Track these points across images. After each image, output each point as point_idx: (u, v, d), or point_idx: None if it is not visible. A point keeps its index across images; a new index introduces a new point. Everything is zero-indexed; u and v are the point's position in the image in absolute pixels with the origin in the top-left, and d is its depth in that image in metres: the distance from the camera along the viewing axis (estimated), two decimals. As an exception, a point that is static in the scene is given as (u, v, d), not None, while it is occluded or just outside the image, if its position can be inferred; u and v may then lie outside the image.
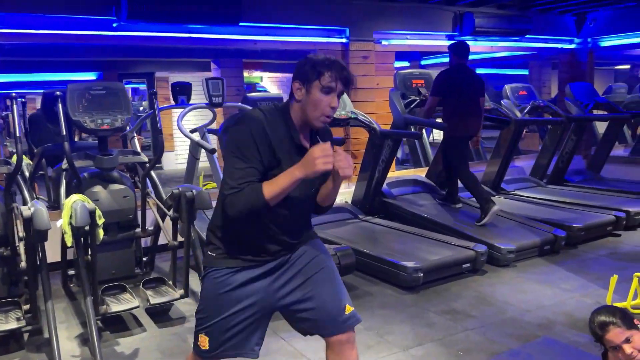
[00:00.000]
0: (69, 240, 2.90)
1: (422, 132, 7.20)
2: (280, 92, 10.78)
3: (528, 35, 6.90)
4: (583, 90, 6.74)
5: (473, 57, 5.32)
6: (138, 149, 4.40)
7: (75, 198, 2.89)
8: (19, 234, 3.15)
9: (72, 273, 3.88)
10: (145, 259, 3.93)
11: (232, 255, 1.91)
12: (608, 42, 7.41)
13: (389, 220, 5.16)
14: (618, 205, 5.38)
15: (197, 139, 4.31)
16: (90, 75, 8.91)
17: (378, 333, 3.22)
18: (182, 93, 4.73)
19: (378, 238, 4.67)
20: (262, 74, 11.39)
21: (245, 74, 9.52)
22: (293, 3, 5.46)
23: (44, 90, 5.48)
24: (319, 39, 5.75)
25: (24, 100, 4.58)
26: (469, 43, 5.20)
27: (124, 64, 8.72)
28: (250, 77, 11.06)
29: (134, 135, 4.64)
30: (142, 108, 10.92)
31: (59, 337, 2.95)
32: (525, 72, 11.92)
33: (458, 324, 3.32)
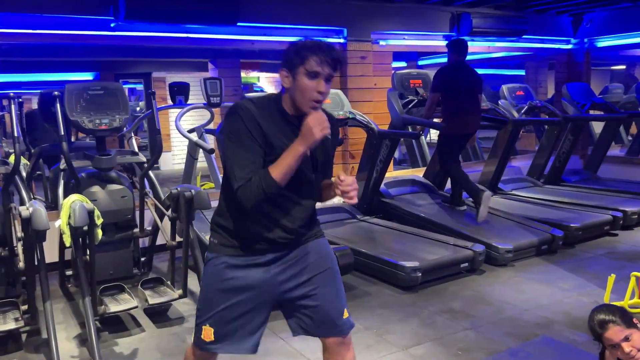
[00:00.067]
0: (68, 241, 2.90)
1: (421, 132, 7.19)
2: (278, 92, 10.73)
3: (525, 36, 6.91)
4: (580, 91, 6.76)
5: (470, 57, 5.34)
6: (136, 149, 4.40)
7: (74, 198, 2.88)
8: (17, 235, 3.14)
9: (69, 273, 3.88)
10: (143, 259, 3.93)
11: (233, 243, 1.90)
12: (604, 42, 7.43)
13: (387, 220, 5.16)
14: (615, 205, 5.39)
15: (195, 139, 4.31)
16: (87, 76, 8.87)
17: (377, 332, 3.22)
18: (180, 93, 4.73)
19: (376, 238, 4.67)
20: (259, 74, 11.38)
21: (243, 74, 9.50)
22: (291, 3, 5.46)
23: (41, 91, 5.46)
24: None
25: (21, 101, 4.56)
26: (468, 48, 5.21)
27: (121, 64, 8.69)
28: (248, 77, 11.05)
29: (132, 136, 4.64)
30: (139, 108, 10.90)
31: (58, 337, 2.94)
32: (522, 72, 11.95)
33: (457, 324, 3.33)
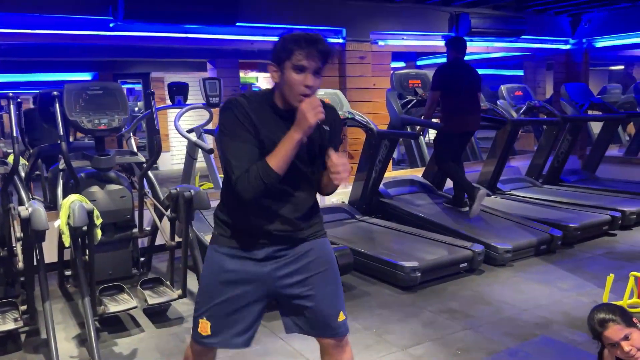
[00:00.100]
0: (67, 241, 2.89)
1: (420, 133, 7.20)
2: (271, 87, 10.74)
3: (523, 36, 6.92)
4: (578, 91, 6.77)
5: (469, 57, 5.35)
6: (135, 149, 4.40)
7: (73, 198, 2.88)
8: (16, 235, 3.14)
9: (68, 274, 3.87)
10: (142, 260, 3.92)
11: (232, 236, 1.90)
12: (603, 42, 7.44)
13: (386, 220, 5.17)
14: (613, 205, 5.40)
15: (194, 139, 4.31)
16: (86, 76, 8.87)
17: (376, 332, 3.23)
18: (179, 93, 4.73)
19: (375, 238, 4.67)
20: (257, 75, 11.37)
21: (241, 74, 9.50)
22: (290, 3, 5.46)
23: (40, 91, 5.44)
24: (316, 40, 5.75)
25: (20, 101, 4.55)
26: (466, 46, 5.21)
27: (120, 64, 8.68)
28: (246, 77, 11.04)
29: (131, 136, 4.64)
30: (137, 108, 10.88)
31: (57, 337, 2.94)
32: (520, 72, 11.96)
33: (456, 323, 3.33)
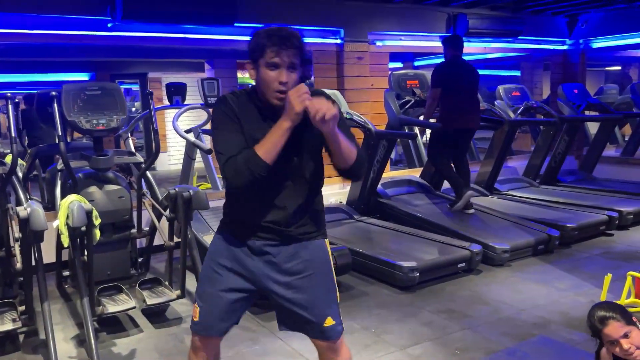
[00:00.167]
0: (66, 241, 2.89)
1: (416, 134, 7.20)
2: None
3: (521, 37, 6.94)
4: (575, 91, 6.80)
5: (466, 57, 5.36)
6: (133, 150, 4.39)
7: (72, 198, 2.88)
8: (15, 235, 3.13)
9: (67, 274, 3.87)
10: (141, 260, 3.92)
11: (229, 225, 1.95)
12: (600, 43, 7.47)
13: (384, 221, 5.17)
14: (610, 205, 5.42)
15: (193, 139, 4.31)
16: (83, 76, 8.86)
17: (375, 332, 3.23)
18: (177, 93, 4.73)
19: (374, 238, 4.68)
20: (255, 75, 11.35)
21: (239, 75, 9.50)
22: (288, 4, 5.46)
23: (30, 92, 5.44)
24: (314, 40, 5.76)
25: (18, 101, 4.55)
26: (463, 44, 5.23)
27: (117, 65, 8.68)
28: (244, 77, 11.03)
29: (129, 136, 4.63)
30: (134, 109, 10.87)
31: (55, 338, 2.93)
32: (517, 73, 12.00)
33: (454, 323, 3.34)
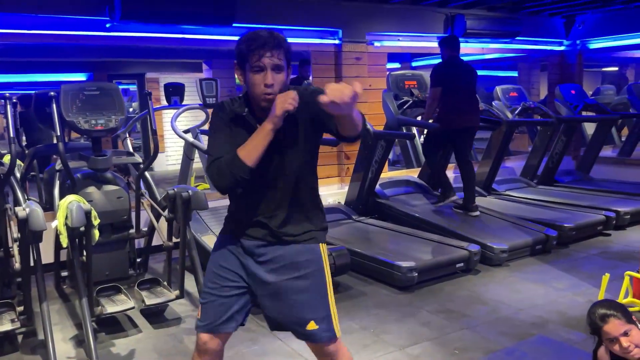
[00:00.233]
0: (65, 241, 2.89)
1: (414, 134, 7.23)
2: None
3: (518, 37, 6.97)
4: (572, 92, 6.82)
5: (464, 58, 5.38)
6: (131, 150, 4.38)
7: (71, 199, 2.88)
8: (13, 236, 3.13)
9: (65, 274, 3.86)
10: (139, 260, 3.92)
11: (228, 225, 1.98)
12: (597, 44, 7.50)
13: (383, 221, 5.18)
14: (607, 205, 5.44)
15: (191, 140, 4.31)
16: (80, 76, 8.83)
17: (374, 332, 3.24)
18: (175, 94, 4.72)
19: (372, 238, 4.69)
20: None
21: (236, 75, 9.50)
22: (286, 4, 5.47)
23: (35, 91, 5.41)
24: (312, 40, 5.77)
25: (15, 101, 4.53)
26: (460, 45, 5.25)
27: (115, 65, 8.67)
28: (242, 78, 11.01)
29: (127, 136, 4.62)
30: (132, 109, 10.85)
31: (54, 338, 2.93)
32: (515, 74, 12.02)
33: (453, 323, 3.35)
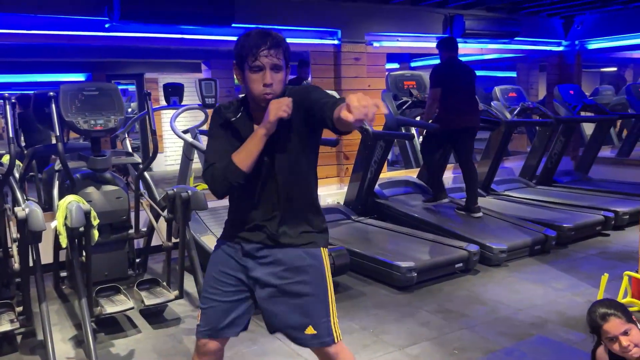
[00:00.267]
0: (64, 242, 2.88)
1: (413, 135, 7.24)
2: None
3: (517, 38, 6.97)
4: (571, 92, 6.83)
5: (462, 59, 5.39)
6: (130, 150, 4.38)
7: (71, 199, 2.87)
8: (12, 236, 3.12)
9: (64, 275, 3.86)
10: (138, 261, 3.92)
11: (228, 228, 1.98)
12: (595, 44, 7.51)
13: (382, 221, 5.18)
14: (606, 206, 5.44)
15: (190, 140, 4.31)
16: (79, 77, 8.82)
17: (373, 332, 3.24)
18: (174, 94, 4.71)
19: (371, 238, 4.69)
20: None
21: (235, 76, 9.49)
22: (285, 5, 5.47)
23: (34, 92, 5.40)
24: (311, 41, 5.77)
25: (14, 102, 4.53)
26: (459, 45, 5.26)
27: (113, 65, 8.65)
28: (240, 78, 11.01)
29: (126, 137, 4.62)
30: (130, 109, 10.84)
31: (53, 339, 2.92)
32: (513, 74, 12.02)
33: (452, 323, 3.35)
